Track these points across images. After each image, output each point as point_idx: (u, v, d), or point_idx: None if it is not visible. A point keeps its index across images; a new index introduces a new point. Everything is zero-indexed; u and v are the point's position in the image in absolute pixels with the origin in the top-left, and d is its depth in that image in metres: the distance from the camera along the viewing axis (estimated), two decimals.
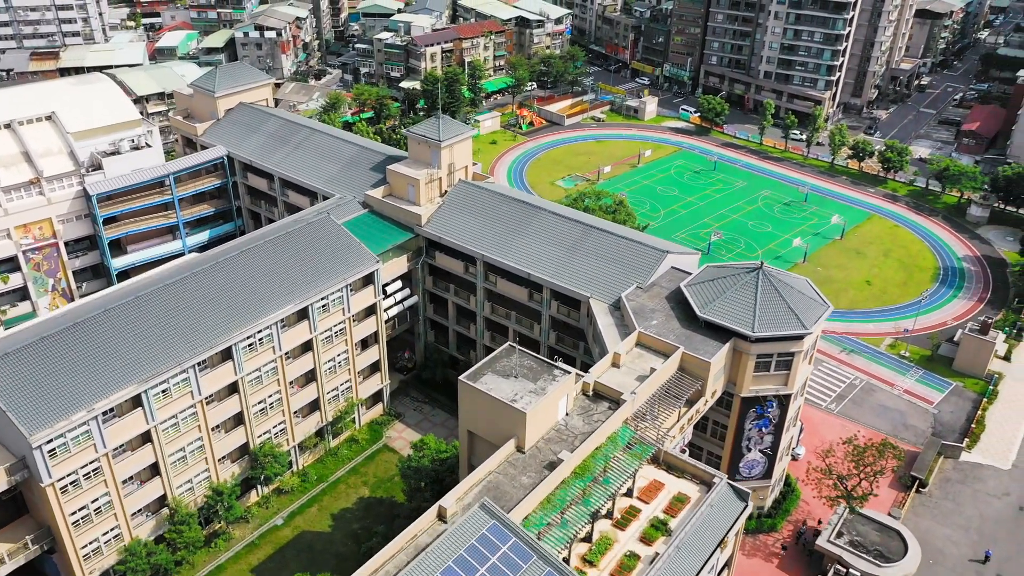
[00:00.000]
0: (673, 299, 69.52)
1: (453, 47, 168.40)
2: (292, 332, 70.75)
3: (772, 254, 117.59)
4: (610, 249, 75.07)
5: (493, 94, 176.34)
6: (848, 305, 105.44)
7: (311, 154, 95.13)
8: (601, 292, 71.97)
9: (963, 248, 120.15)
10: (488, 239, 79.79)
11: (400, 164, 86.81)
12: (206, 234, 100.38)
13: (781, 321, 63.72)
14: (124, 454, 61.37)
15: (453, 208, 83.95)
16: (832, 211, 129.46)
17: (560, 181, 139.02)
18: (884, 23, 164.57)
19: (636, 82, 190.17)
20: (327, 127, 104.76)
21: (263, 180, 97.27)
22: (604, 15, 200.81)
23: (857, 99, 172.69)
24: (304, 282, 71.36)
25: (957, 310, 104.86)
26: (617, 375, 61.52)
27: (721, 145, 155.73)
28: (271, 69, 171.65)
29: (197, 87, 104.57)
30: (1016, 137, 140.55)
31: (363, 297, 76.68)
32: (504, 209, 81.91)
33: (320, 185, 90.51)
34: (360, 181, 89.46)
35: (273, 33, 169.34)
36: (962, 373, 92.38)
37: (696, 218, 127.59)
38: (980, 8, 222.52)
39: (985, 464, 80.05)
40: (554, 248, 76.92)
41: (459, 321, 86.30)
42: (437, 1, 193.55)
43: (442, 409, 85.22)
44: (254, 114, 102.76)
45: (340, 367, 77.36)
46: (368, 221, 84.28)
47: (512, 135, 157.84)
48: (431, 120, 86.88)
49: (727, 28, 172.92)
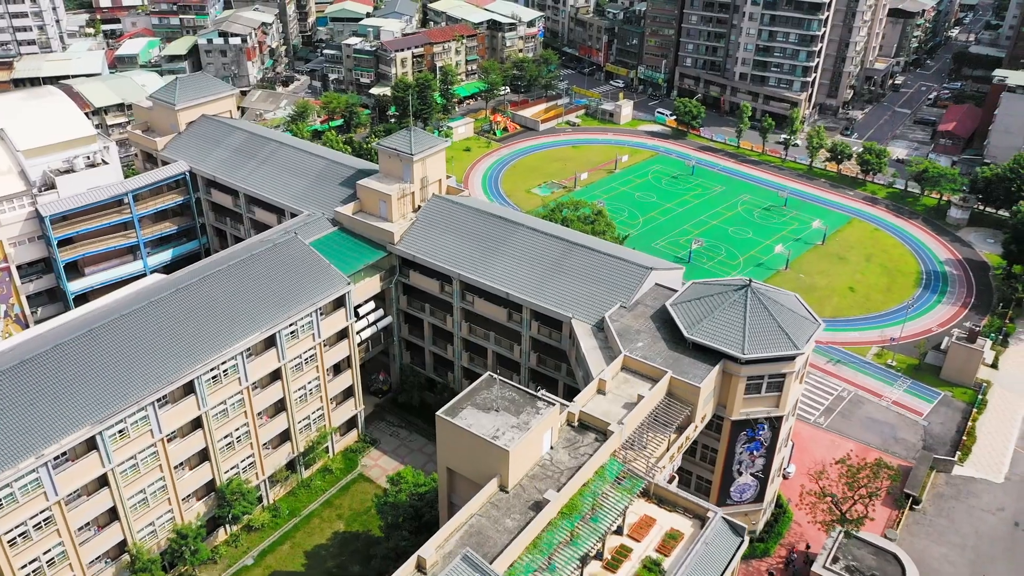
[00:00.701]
0: (658, 319, 66.74)
1: (424, 52, 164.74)
2: (259, 361, 66.99)
3: (754, 261, 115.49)
4: (592, 267, 72.14)
5: (466, 99, 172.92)
6: (833, 313, 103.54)
7: (278, 169, 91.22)
8: (583, 312, 69.02)
9: (944, 251, 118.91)
10: (464, 257, 76.52)
11: (371, 179, 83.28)
12: (169, 253, 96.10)
13: (772, 341, 61.16)
14: (78, 500, 57.35)
15: (427, 224, 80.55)
16: (812, 215, 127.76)
17: (536, 189, 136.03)
18: (859, 23, 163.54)
19: (611, 85, 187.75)
20: (294, 140, 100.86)
21: (228, 196, 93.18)
22: (577, 17, 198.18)
23: (833, 100, 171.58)
24: (271, 308, 67.63)
25: (942, 316, 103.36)
26: (603, 403, 58.57)
27: (698, 149, 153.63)
28: (237, 76, 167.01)
29: (156, 99, 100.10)
30: (993, 137, 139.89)
31: (334, 321, 73.09)
32: (480, 225, 78.66)
33: (288, 202, 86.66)
34: (329, 197, 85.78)
35: (238, 40, 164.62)
36: (950, 382, 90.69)
37: (676, 225, 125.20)
38: (951, 6, 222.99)
39: (978, 478, 78.22)
40: (534, 266, 73.83)
41: (436, 342, 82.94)
42: (407, 5, 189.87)
43: (420, 434, 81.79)
44: (217, 127, 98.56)
45: (311, 395, 73.69)
46: (338, 240, 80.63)
47: (486, 141, 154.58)
48: (402, 132, 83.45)
49: (701, 29, 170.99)
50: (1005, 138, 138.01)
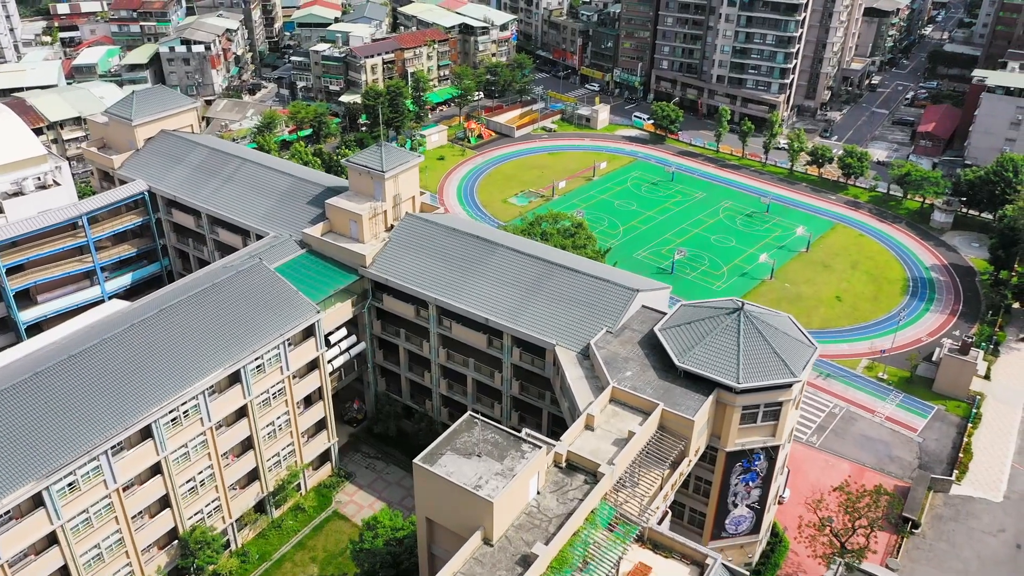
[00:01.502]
0: (647, 345, 63.27)
1: (395, 58, 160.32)
2: (223, 399, 62.58)
3: (738, 270, 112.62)
4: (575, 289, 68.50)
5: (439, 105, 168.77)
6: (820, 324, 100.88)
7: (242, 187, 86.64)
8: (568, 338, 65.38)
9: (930, 257, 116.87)
10: (440, 280, 72.56)
11: (340, 197, 79.07)
12: (128, 277, 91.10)
13: (767, 368, 57.93)
14: (25, 561, 52.65)
15: (400, 245, 76.48)
16: (795, 222, 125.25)
17: (513, 198, 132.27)
18: (835, 23, 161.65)
19: (586, 88, 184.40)
20: (259, 155, 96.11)
21: (190, 217, 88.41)
22: (550, 20, 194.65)
23: (811, 101, 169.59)
24: (235, 341, 63.20)
25: (931, 325, 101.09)
26: (592, 439, 54.97)
27: (677, 153, 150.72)
28: (201, 85, 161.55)
29: (112, 115, 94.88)
30: (973, 138, 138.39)
31: (304, 351, 68.80)
32: (457, 245, 74.74)
33: (253, 223, 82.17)
34: (297, 217, 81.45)
35: (201, 47, 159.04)
36: (943, 395, 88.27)
37: (657, 234, 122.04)
38: (924, 5, 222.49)
39: (976, 497, 75.72)
40: (514, 289, 70.03)
41: (412, 368, 78.88)
42: (376, 9, 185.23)
43: (397, 465, 77.70)
44: (178, 143, 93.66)
45: (281, 430, 69.36)
46: (307, 263, 76.33)
47: (461, 149, 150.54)
48: (372, 148, 79.31)
49: (677, 31, 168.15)
50: (985, 139, 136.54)
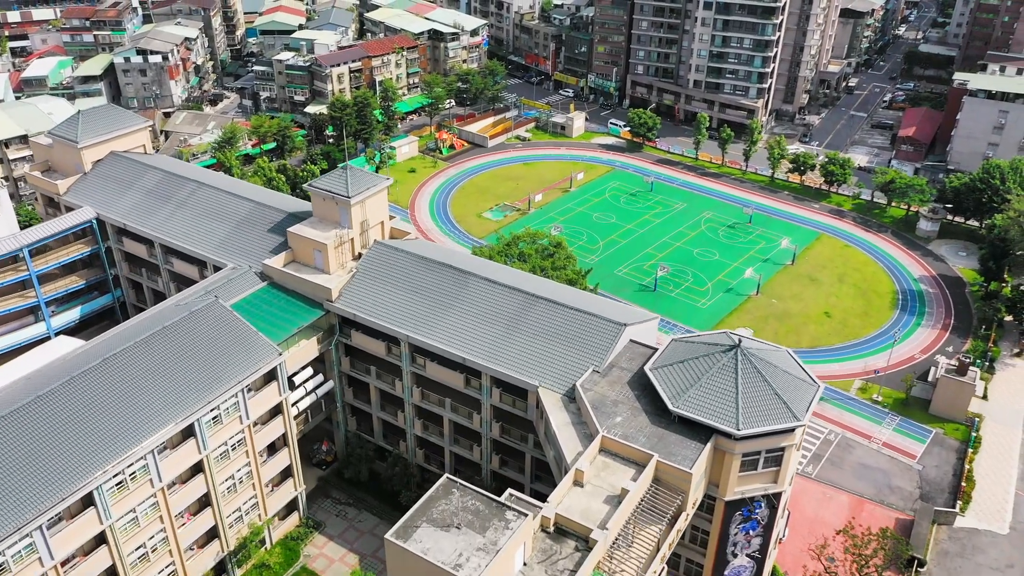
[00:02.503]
0: (637, 385, 58.69)
1: (362, 66, 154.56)
2: (176, 456, 56.99)
3: (723, 286, 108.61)
4: (558, 323, 63.75)
5: (409, 114, 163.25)
6: (810, 343, 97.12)
7: (198, 213, 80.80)
8: (551, 379, 60.61)
9: (918, 267, 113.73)
10: (412, 315, 67.42)
11: (304, 225, 73.67)
12: (77, 311, 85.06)
13: (769, 412, 53.58)
14: None
15: (369, 276, 71.20)
16: (779, 232, 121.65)
17: (488, 212, 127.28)
18: (812, 26, 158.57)
19: (560, 94, 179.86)
20: (217, 177, 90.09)
21: (142, 246, 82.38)
22: (522, 24, 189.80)
23: (789, 105, 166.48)
24: (187, 392, 57.63)
25: (923, 341, 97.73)
26: (581, 497, 50.25)
27: (655, 162, 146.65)
28: (159, 97, 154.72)
29: (56, 136, 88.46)
30: (956, 143, 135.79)
31: (265, 397, 63.35)
32: (429, 276, 69.63)
33: (209, 252, 76.41)
34: (257, 245, 75.85)
35: (158, 57, 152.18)
36: (940, 417, 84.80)
37: (638, 248, 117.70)
38: (897, 4, 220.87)
39: (981, 529, 72.15)
40: (491, 324, 65.09)
41: (384, 408, 73.62)
42: (342, 15, 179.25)
43: (370, 512, 72.48)
44: (128, 166, 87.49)
45: (242, 483, 63.86)
46: (268, 298, 70.80)
47: (432, 161, 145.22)
48: (337, 172, 73.97)
49: (652, 36, 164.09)
50: (968, 143, 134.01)
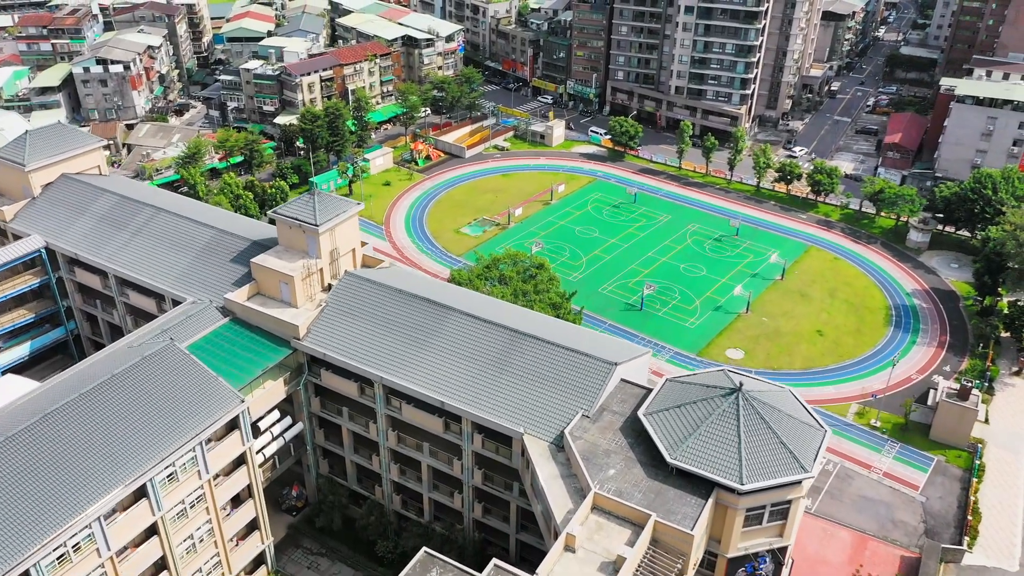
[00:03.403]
0: (631, 431, 54.38)
1: (333, 75, 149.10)
2: (126, 520, 51.77)
3: (711, 304, 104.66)
4: (544, 363, 59.23)
5: (383, 124, 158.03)
6: (803, 364, 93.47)
7: (155, 241, 75.37)
8: (537, 425, 56.12)
9: (910, 281, 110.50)
10: (386, 353, 62.59)
11: (269, 255, 68.67)
12: (27, 346, 79.26)
13: (774, 463, 49.46)
14: None
15: (339, 311, 66.24)
16: (767, 245, 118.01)
17: (466, 228, 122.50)
18: (795, 30, 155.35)
19: (539, 101, 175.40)
20: (176, 201, 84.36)
21: (96, 277, 76.79)
22: (498, 29, 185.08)
23: (772, 111, 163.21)
24: (139, 449, 52.39)
25: (919, 360, 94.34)
26: (573, 565, 45.86)
27: (638, 171, 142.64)
28: (121, 108, 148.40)
29: (2, 159, 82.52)
30: (944, 150, 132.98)
31: (227, 448, 58.22)
32: (405, 311, 64.82)
33: (167, 285, 71.06)
34: (219, 277, 70.63)
35: (120, 67, 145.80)
36: (942, 443, 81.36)
37: (622, 264, 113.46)
38: (877, 6, 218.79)
39: (991, 567, 68.63)
40: (472, 364, 60.43)
41: (358, 450, 68.71)
42: (312, 21, 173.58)
43: (344, 563, 67.62)
44: (81, 190, 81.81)
45: (203, 542, 58.68)
46: (230, 335, 65.63)
47: (408, 173, 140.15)
48: (304, 198, 68.99)
49: (632, 41, 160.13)
50: (956, 150, 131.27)
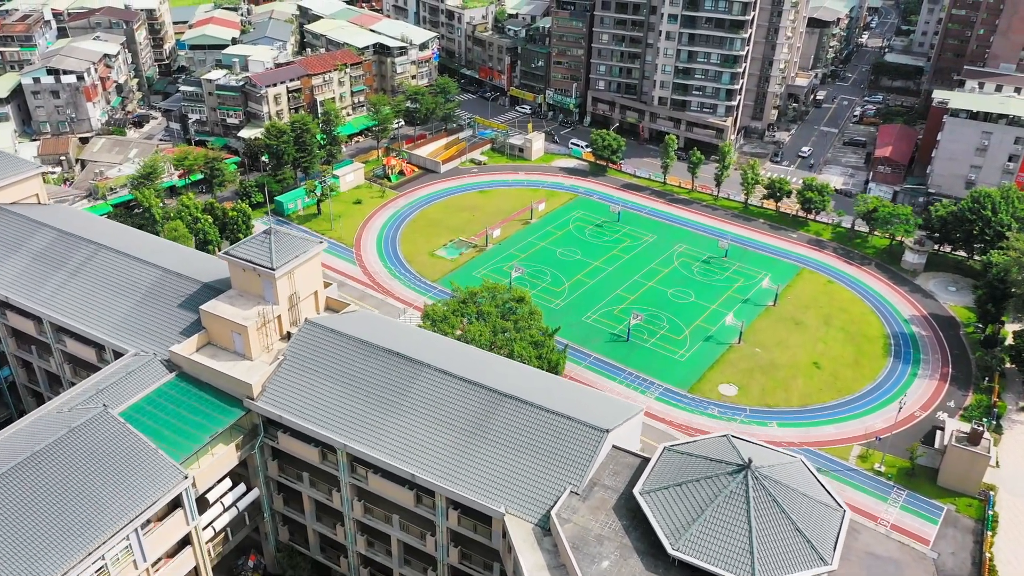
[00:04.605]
0: (625, 512, 48.29)
1: (301, 85, 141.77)
2: None
3: (702, 333, 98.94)
4: (527, 429, 52.95)
5: (354, 136, 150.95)
6: (801, 400, 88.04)
7: (95, 283, 68.11)
8: (520, 503, 49.84)
9: (907, 306, 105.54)
10: (350, 416, 56.00)
11: (221, 300, 61.75)
12: None
13: (789, 554, 43.69)
14: None
15: (299, 366, 59.49)
16: (757, 268, 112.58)
17: (442, 250, 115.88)
18: (782, 39, 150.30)
19: (517, 111, 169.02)
20: (120, 234, 76.40)
21: (30, 322, 69.38)
22: (475, 35, 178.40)
23: (758, 122, 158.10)
24: (62, 540, 45.46)
25: (922, 394, 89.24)
26: None
27: (621, 187, 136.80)
28: (75, 121, 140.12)
29: None
30: (936, 165, 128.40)
31: (169, 529, 51.43)
32: (372, 366, 58.22)
33: (107, 334, 63.91)
34: (165, 324, 63.62)
35: (73, 77, 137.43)
36: (951, 490, 76.22)
37: (607, 289, 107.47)
38: (860, 12, 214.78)
39: None
40: (447, 430, 53.99)
41: (320, 519, 62.01)
42: (279, 27, 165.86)
43: None
44: (14, 223, 74.24)
45: None
46: (175, 395, 58.68)
47: (380, 190, 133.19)
48: (259, 238, 62.11)
49: (614, 50, 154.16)
50: (950, 166, 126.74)
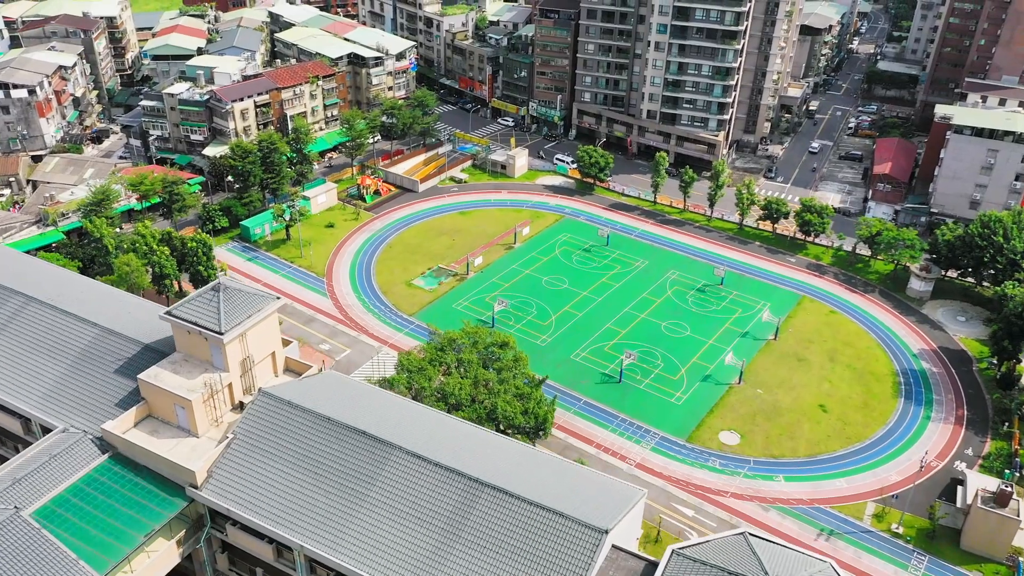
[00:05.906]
0: None
1: (270, 99, 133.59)
2: None
3: (699, 372, 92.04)
4: (512, 527, 45.67)
5: (327, 152, 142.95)
6: (808, 449, 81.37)
7: (21, 343, 60.18)
8: None
9: (915, 338, 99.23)
10: (309, 510, 48.49)
11: (163, 367, 54.19)
12: None
13: None
14: None
15: (250, 446, 51.88)
16: (755, 296, 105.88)
17: (420, 279, 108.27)
18: (775, 50, 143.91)
19: (499, 123, 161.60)
20: (55, 280, 68.18)
21: None
22: (454, 44, 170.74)
23: (750, 135, 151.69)
24: None
25: (938, 441, 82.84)
26: None
27: (609, 207, 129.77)
28: (27, 138, 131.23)
29: None
30: (940, 183, 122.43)
31: None
32: (334, 448, 50.71)
33: (33, 407, 56.03)
34: (99, 394, 55.87)
35: (24, 91, 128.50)
36: (975, 555, 69.79)
37: (597, 323, 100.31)
38: (851, 18, 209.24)
39: None
40: (420, 528, 46.60)
41: None
42: (249, 36, 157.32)
43: None
44: None
45: None
46: (105, 482, 50.96)
47: (354, 211, 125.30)
48: (207, 294, 54.48)
49: (600, 60, 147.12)
50: (953, 184, 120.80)
